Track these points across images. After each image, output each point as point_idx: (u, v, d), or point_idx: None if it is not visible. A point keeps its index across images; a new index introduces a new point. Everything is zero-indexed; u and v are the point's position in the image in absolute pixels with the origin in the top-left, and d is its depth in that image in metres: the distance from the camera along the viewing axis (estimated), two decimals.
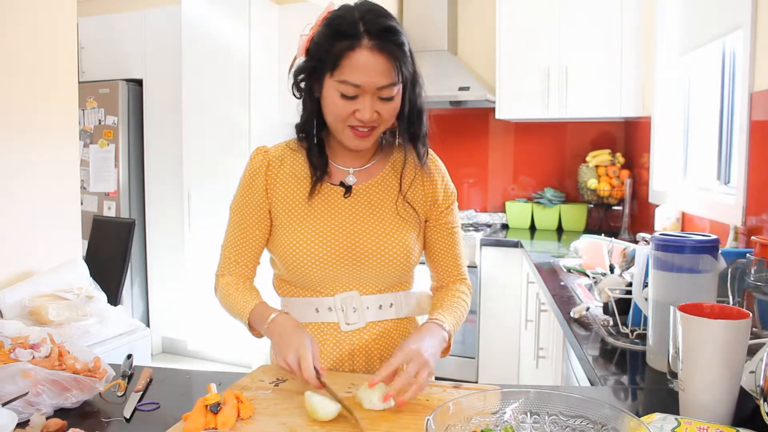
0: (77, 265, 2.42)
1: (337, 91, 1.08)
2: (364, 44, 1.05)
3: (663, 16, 2.89)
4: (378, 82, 1.07)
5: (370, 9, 1.08)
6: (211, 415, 0.93)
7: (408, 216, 1.22)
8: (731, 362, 0.89)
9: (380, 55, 1.05)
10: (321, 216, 1.19)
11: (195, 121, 3.84)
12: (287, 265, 1.19)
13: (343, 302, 1.20)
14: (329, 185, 1.21)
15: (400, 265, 1.20)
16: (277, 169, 1.22)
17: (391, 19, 1.09)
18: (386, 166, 1.25)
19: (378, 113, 1.10)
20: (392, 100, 1.11)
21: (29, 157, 2.31)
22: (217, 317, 3.89)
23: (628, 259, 1.73)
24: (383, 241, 1.19)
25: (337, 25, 1.07)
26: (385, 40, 1.05)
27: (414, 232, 1.23)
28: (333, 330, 1.21)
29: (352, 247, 1.18)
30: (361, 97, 1.08)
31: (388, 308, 1.23)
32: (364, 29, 1.05)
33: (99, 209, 4.09)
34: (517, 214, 3.88)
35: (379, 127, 1.14)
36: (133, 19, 4.13)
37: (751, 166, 1.85)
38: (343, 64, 1.06)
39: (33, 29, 2.30)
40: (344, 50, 1.05)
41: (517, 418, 0.83)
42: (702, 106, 2.65)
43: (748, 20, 1.86)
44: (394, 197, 1.22)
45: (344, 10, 1.09)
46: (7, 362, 1.02)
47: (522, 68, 3.51)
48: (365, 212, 1.20)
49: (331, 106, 1.11)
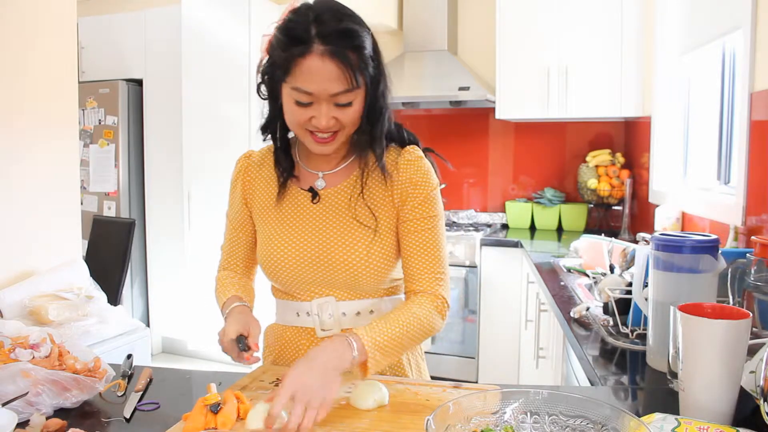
0: (77, 265, 2.42)
1: (291, 97, 1.04)
2: (314, 50, 0.99)
3: (663, 16, 2.89)
4: (331, 89, 1.01)
5: (327, 10, 1.02)
6: (211, 415, 0.93)
7: (369, 222, 1.14)
8: (731, 362, 0.89)
9: (331, 61, 0.99)
10: (291, 221, 1.17)
11: (195, 121, 3.84)
12: (265, 269, 1.21)
13: (320, 308, 1.17)
14: (299, 190, 1.18)
15: (372, 274, 1.13)
16: (255, 174, 1.22)
17: (348, 20, 1.02)
18: (357, 169, 1.18)
19: (336, 119, 1.05)
20: (351, 106, 1.05)
21: (30, 157, 2.31)
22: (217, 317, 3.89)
23: (628, 259, 1.74)
24: (350, 249, 1.13)
25: (290, 29, 1.02)
26: (338, 45, 0.99)
27: (385, 238, 1.14)
28: (310, 335, 1.20)
29: (322, 254, 1.14)
30: (316, 104, 1.03)
31: (368, 315, 1.17)
32: (315, 33, 0.99)
33: (99, 209, 4.09)
34: (517, 214, 3.88)
35: (341, 132, 1.08)
36: (133, 19, 4.13)
37: (751, 166, 1.85)
38: (294, 71, 1.01)
39: (33, 29, 2.30)
40: (294, 57, 1.00)
41: (517, 418, 0.83)
42: (702, 106, 2.65)
43: (748, 20, 1.86)
44: (362, 202, 1.15)
45: (300, 12, 1.03)
46: (7, 362, 1.02)
47: (522, 68, 3.50)
48: (333, 218, 1.15)
49: (288, 112, 1.08)
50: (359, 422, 0.95)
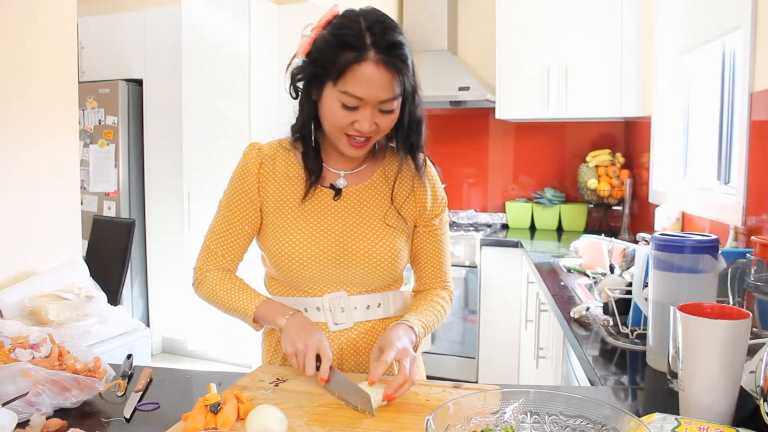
0: (77, 265, 2.42)
1: (338, 100, 1.08)
2: (370, 58, 1.04)
3: (663, 16, 2.89)
4: (380, 96, 1.07)
5: (377, 20, 1.07)
6: (211, 415, 0.93)
7: (396, 224, 1.22)
8: (731, 362, 0.89)
9: (385, 69, 1.05)
10: (310, 217, 1.20)
11: (195, 121, 3.85)
12: (276, 265, 1.20)
13: (331, 302, 1.20)
14: (320, 187, 1.21)
15: (387, 269, 1.20)
16: (270, 168, 1.22)
17: (398, 32, 1.08)
18: (377, 170, 1.25)
19: (376, 125, 1.11)
20: (392, 113, 1.11)
21: (29, 157, 2.31)
22: (217, 317, 3.90)
23: (628, 259, 1.74)
24: (371, 245, 1.19)
25: (342, 35, 1.06)
26: (392, 55, 1.05)
27: (402, 237, 1.23)
28: (321, 330, 1.21)
29: (340, 249, 1.18)
30: (362, 109, 1.08)
31: (376, 308, 1.23)
32: (371, 42, 1.04)
33: (99, 209, 4.09)
34: (517, 214, 3.88)
35: (375, 137, 1.15)
36: (133, 19, 4.13)
37: (751, 166, 1.85)
38: (347, 75, 1.05)
39: (33, 29, 2.30)
40: (350, 62, 1.04)
41: (517, 418, 0.83)
42: (702, 106, 2.65)
43: (748, 20, 1.86)
44: (384, 202, 1.22)
45: (350, 18, 1.08)
46: (7, 362, 1.02)
47: (522, 68, 3.51)
48: (354, 215, 1.20)
49: (330, 114, 1.10)
50: (359, 422, 0.95)
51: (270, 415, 0.90)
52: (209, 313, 4.12)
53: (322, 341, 1.09)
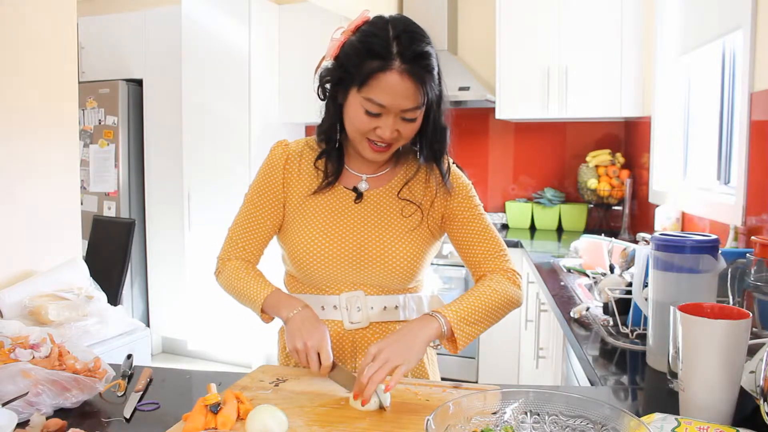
0: (77, 265, 2.42)
1: (361, 106, 1.09)
2: (395, 67, 1.05)
3: (663, 16, 2.89)
4: (403, 105, 1.08)
5: (405, 30, 1.08)
6: (211, 415, 0.93)
7: (414, 222, 1.22)
8: (731, 362, 0.89)
9: (410, 79, 1.06)
10: (331, 216, 1.21)
11: (195, 121, 3.84)
12: (295, 261, 1.22)
13: (348, 301, 1.22)
14: (342, 188, 1.23)
15: (404, 273, 1.21)
16: (296, 165, 1.25)
17: (425, 42, 1.08)
18: (398, 174, 1.26)
19: (398, 132, 1.12)
20: (414, 121, 1.12)
21: (29, 157, 2.31)
22: (217, 317, 3.92)
23: (628, 259, 1.74)
24: (388, 248, 1.20)
25: (370, 43, 1.07)
26: (417, 65, 1.06)
27: (422, 241, 1.22)
28: (336, 327, 1.23)
29: (358, 251, 1.20)
30: (384, 116, 1.09)
31: (393, 310, 1.24)
32: (397, 51, 1.05)
33: (99, 209, 4.09)
34: (517, 214, 3.88)
35: (397, 143, 1.16)
36: (133, 19, 4.13)
37: (751, 166, 1.85)
38: (371, 83, 1.06)
39: (33, 29, 2.30)
40: (375, 70, 1.05)
41: (517, 418, 0.83)
42: (702, 106, 2.65)
43: (748, 20, 1.86)
44: (405, 206, 1.23)
45: (379, 26, 1.09)
46: (7, 362, 1.02)
47: (522, 68, 3.50)
48: (374, 218, 1.22)
49: (353, 119, 1.12)
50: (359, 422, 0.95)
51: (270, 415, 0.90)
52: (209, 313, 4.12)
53: (322, 342, 1.09)
